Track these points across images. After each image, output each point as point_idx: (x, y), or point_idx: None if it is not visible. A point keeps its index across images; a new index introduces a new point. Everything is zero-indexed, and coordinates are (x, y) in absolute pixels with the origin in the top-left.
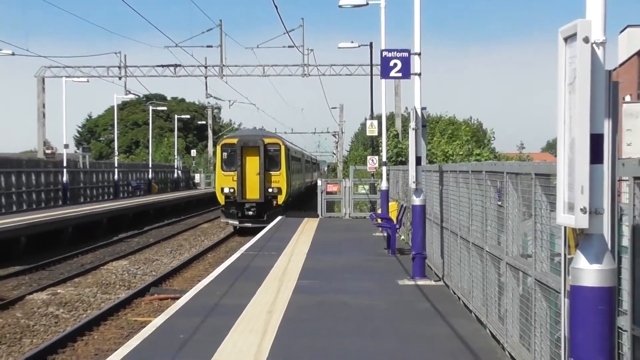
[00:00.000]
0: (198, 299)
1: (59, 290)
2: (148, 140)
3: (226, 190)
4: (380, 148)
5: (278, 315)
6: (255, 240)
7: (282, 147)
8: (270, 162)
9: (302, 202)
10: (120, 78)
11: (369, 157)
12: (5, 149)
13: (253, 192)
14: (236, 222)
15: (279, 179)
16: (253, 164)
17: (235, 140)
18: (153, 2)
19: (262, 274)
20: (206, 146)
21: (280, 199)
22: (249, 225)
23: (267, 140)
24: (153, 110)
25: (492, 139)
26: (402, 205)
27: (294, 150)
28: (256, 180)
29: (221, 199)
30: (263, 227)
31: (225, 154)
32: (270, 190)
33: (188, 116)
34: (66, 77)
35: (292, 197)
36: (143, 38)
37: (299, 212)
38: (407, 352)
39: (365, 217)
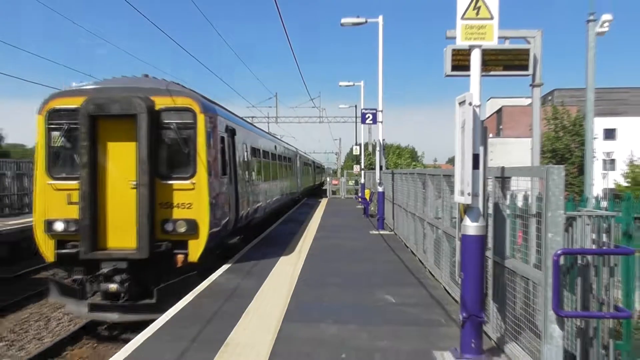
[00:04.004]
0: (255, 247)
1: None
2: None
3: (58, 226)
4: (360, 161)
5: (304, 254)
6: (289, 214)
7: (201, 118)
8: (170, 154)
9: (317, 189)
10: None
11: (354, 166)
12: None
13: (121, 234)
14: (83, 309)
15: (193, 198)
16: (122, 158)
17: (79, 100)
18: (240, 81)
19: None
20: None
21: (196, 247)
22: (115, 317)
23: (160, 101)
24: None
25: (423, 158)
26: (372, 192)
27: (263, 141)
28: (130, 202)
29: (47, 249)
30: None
31: (56, 133)
32: (168, 226)
33: None
34: None
35: (254, 228)
36: (234, 101)
37: (316, 195)
38: (376, 269)
39: (352, 198)
